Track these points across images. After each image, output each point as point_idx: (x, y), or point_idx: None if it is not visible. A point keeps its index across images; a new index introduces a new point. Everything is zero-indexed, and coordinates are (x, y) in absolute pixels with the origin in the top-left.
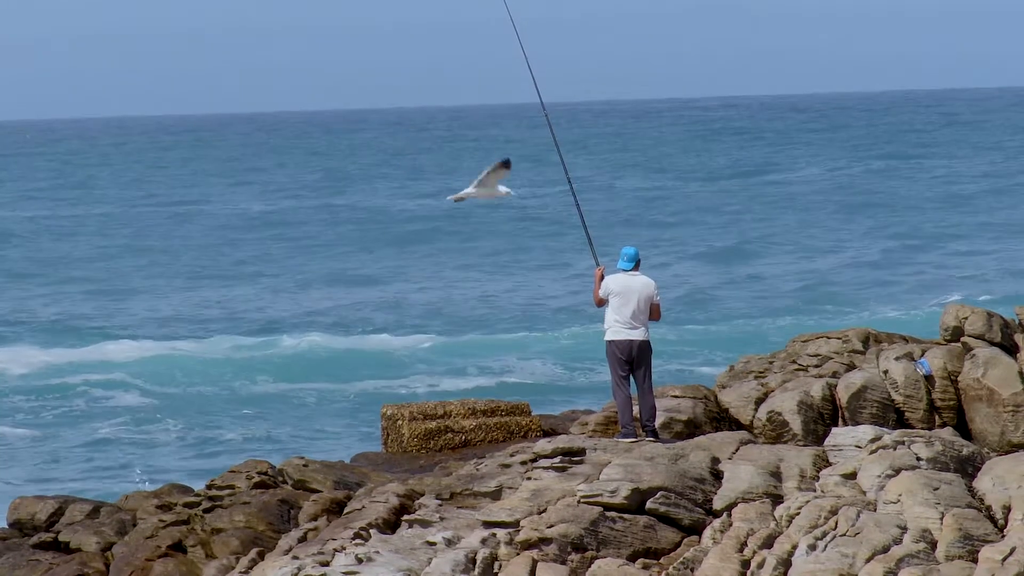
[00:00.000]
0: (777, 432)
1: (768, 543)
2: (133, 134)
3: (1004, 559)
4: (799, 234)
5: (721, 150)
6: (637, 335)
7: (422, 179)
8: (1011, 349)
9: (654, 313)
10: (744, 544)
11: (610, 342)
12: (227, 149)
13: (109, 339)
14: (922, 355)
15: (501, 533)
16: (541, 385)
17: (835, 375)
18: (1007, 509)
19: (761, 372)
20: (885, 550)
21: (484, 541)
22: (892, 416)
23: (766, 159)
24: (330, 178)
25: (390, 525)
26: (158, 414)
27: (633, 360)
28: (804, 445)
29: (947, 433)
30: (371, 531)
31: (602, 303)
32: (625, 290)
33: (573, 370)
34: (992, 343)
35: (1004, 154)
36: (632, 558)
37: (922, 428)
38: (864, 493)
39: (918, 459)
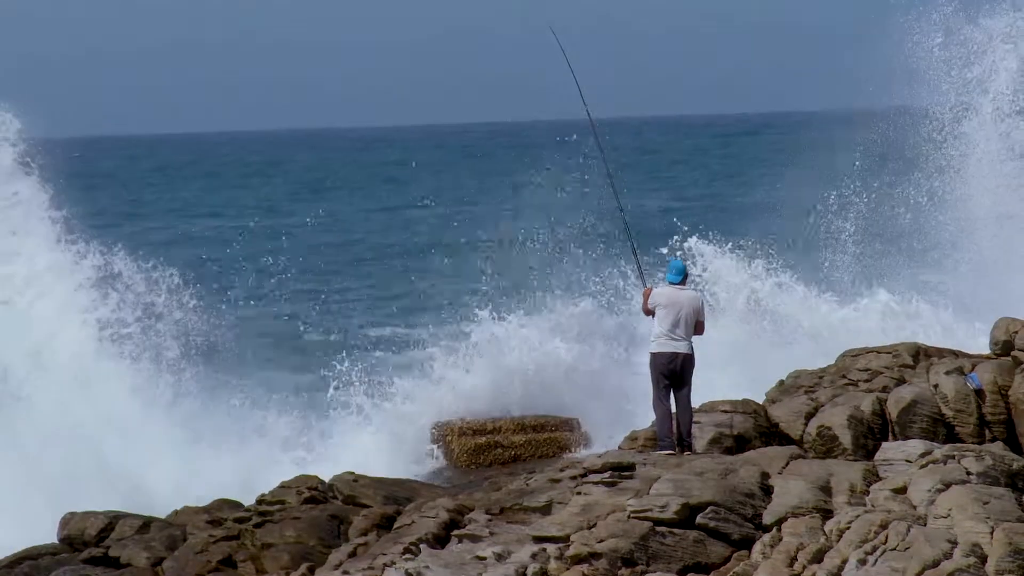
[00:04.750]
0: (827, 447)
1: (818, 558)
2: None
3: None
4: None
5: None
6: (682, 348)
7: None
8: None
9: (698, 328)
10: (794, 559)
11: (654, 354)
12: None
13: None
14: (972, 369)
15: (551, 548)
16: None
17: (885, 390)
18: None
19: (811, 387)
20: (935, 564)
21: (534, 556)
22: (942, 430)
23: None
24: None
25: (440, 540)
26: None
27: (676, 373)
28: (854, 460)
29: (997, 447)
30: (421, 546)
31: (650, 312)
32: (672, 303)
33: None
34: None
35: None
36: (682, 573)
37: (972, 442)
38: (914, 507)
39: (968, 473)
